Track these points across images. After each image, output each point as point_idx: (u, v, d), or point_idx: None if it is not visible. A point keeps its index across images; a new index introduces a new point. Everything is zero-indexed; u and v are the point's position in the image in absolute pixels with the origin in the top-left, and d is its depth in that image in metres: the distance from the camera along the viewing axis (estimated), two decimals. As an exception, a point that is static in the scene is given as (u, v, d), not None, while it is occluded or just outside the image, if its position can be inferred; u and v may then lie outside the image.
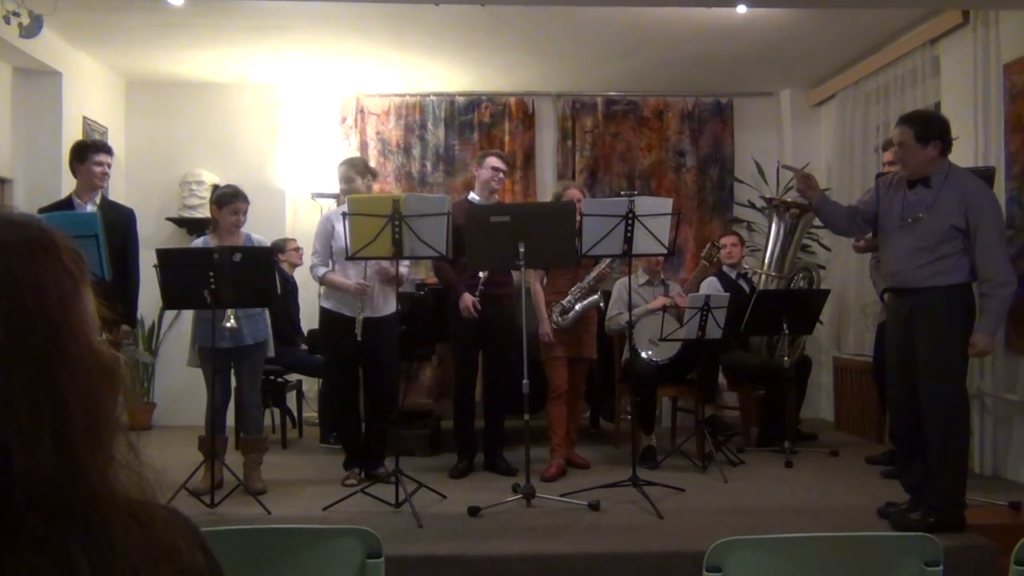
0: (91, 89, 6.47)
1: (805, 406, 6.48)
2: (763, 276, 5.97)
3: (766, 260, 6.04)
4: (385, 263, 4.60)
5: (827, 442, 5.83)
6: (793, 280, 6.00)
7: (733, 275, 5.92)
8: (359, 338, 4.52)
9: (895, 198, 3.87)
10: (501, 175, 5.12)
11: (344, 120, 7.21)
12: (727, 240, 6.04)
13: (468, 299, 4.84)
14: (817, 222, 6.53)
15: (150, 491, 0.79)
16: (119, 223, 4.56)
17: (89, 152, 4.58)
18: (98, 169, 4.56)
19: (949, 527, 3.56)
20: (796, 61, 6.53)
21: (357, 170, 4.84)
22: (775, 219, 6.01)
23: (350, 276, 4.69)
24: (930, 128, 3.73)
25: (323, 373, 5.88)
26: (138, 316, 5.55)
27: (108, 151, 4.67)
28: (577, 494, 4.23)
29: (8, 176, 5.81)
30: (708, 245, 6.11)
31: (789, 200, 6.25)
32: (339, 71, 6.74)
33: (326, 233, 4.79)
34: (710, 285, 5.70)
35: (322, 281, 4.81)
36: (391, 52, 6.31)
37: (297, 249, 6.42)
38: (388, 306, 4.76)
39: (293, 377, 6.21)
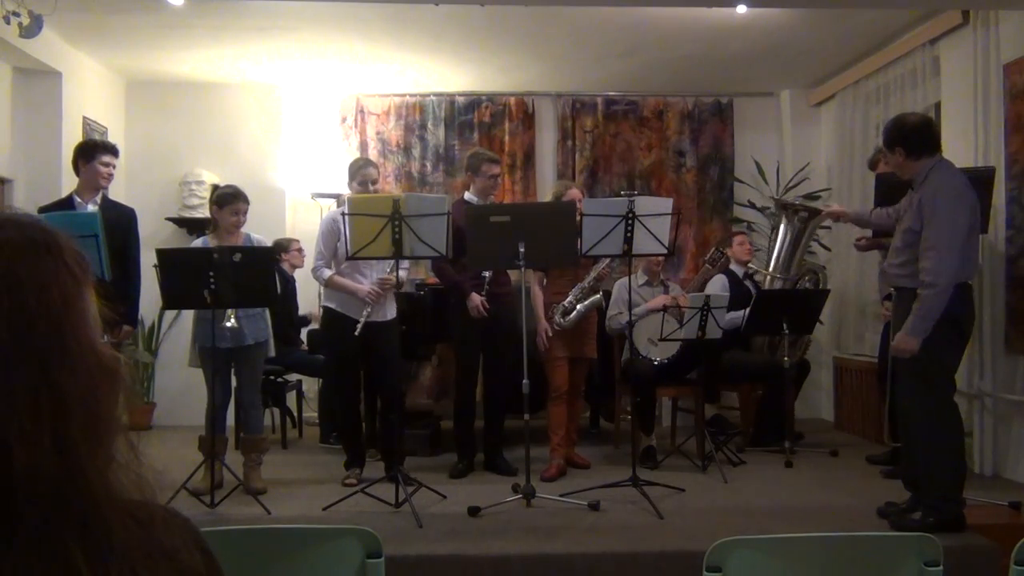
0: (91, 89, 6.46)
1: (805, 406, 6.47)
2: (768, 277, 5.96)
3: (772, 262, 6.03)
4: (386, 274, 4.62)
5: (827, 442, 5.83)
6: (799, 282, 5.98)
7: (740, 274, 5.92)
8: (357, 333, 4.51)
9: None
10: (498, 179, 5.13)
11: (344, 120, 7.21)
12: (740, 239, 6.06)
13: (476, 299, 4.82)
14: (823, 224, 6.55)
15: (149, 491, 0.79)
16: (120, 223, 4.54)
17: (98, 151, 4.57)
18: (104, 169, 4.54)
19: (949, 527, 3.56)
20: (796, 61, 6.53)
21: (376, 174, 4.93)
22: (784, 221, 5.98)
23: (357, 279, 4.69)
24: (890, 136, 3.83)
25: (323, 373, 5.88)
26: (139, 316, 5.54)
27: (115, 153, 4.66)
28: (577, 494, 4.23)
29: (8, 176, 5.81)
30: (713, 249, 6.10)
31: (800, 202, 6.23)
32: (339, 71, 6.74)
33: (332, 234, 4.74)
34: (717, 283, 5.70)
35: (327, 284, 4.77)
36: (391, 52, 6.31)
37: (300, 250, 6.40)
38: (390, 311, 4.76)
39: (293, 377, 6.21)
